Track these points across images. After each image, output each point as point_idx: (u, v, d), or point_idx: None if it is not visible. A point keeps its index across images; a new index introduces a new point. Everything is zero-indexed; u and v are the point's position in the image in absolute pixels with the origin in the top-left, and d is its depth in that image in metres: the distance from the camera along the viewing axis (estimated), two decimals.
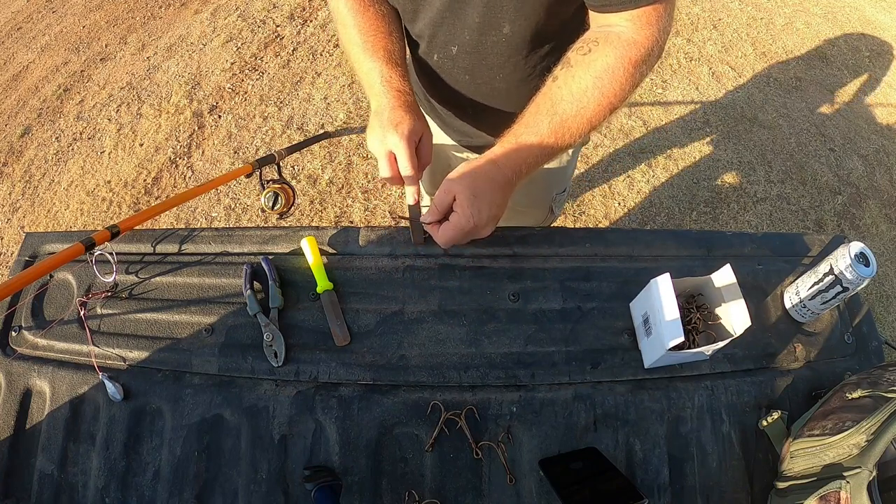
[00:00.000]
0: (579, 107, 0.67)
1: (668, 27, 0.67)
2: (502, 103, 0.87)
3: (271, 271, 0.78)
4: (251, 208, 2.21)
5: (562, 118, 0.68)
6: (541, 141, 0.69)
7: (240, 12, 2.97)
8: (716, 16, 3.09)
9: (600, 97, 0.67)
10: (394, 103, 0.74)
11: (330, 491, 0.63)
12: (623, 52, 0.65)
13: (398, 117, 0.73)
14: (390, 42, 0.79)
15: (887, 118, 2.68)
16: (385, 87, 0.76)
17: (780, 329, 0.79)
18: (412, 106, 0.76)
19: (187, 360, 0.75)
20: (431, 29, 0.79)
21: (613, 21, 0.66)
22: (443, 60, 0.83)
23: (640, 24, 0.65)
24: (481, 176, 0.69)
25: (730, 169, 2.40)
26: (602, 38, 0.67)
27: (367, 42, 0.79)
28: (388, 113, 0.73)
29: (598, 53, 0.66)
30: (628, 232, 0.85)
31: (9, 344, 0.79)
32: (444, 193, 0.69)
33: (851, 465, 0.58)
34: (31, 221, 2.29)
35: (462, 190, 0.68)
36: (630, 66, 0.66)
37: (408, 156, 0.72)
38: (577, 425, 0.70)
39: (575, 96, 0.67)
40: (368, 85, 0.78)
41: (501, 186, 0.70)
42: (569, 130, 0.68)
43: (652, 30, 0.65)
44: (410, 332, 0.75)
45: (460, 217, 0.69)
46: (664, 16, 0.66)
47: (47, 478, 0.71)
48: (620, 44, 0.66)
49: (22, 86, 2.82)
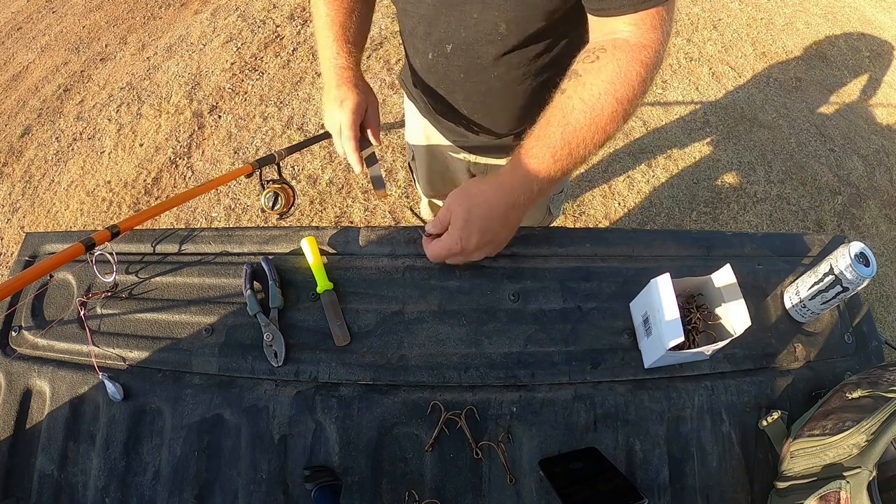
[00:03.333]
0: (593, 114, 0.64)
1: (670, 30, 0.66)
2: (497, 103, 0.87)
3: (271, 271, 0.78)
4: (251, 208, 2.21)
5: (574, 127, 0.65)
6: (553, 154, 0.65)
7: (240, 12, 2.97)
8: (716, 16, 3.09)
9: (614, 103, 0.64)
10: (337, 81, 0.81)
11: (330, 491, 0.63)
12: (634, 55, 0.63)
13: (342, 94, 0.80)
14: (348, 19, 0.83)
15: (887, 118, 2.68)
16: (331, 64, 0.81)
17: (780, 329, 0.79)
18: (354, 80, 0.82)
19: (187, 360, 0.75)
20: (426, 26, 0.79)
21: (616, 27, 0.65)
22: (437, 59, 0.83)
23: (645, 27, 0.63)
24: (480, 202, 0.67)
25: (730, 169, 2.40)
26: (609, 45, 0.65)
27: (327, 17, 0.82)
28: (333, 91, 0.80)
29: (607, 59, 0.64)
30: (628, 232, 0.85)
31: (9, 344, 0.79)
32: (445, 210, 0.70)
33: (851, 465, 0.58)
34: (31, 221, 2.29)
35: (457, 211, 0.68)
36: (642, 70, 0.64)
37: (350, 129, 0.79)
38: (577, 425, 0.70)
39: (587, 104, 0.64)
40: (321, 60, 0.84)
41: (502, 214, 0.68)
42: (583, 141, 0.65)
43: (656, 33, 0.64)
44: (410, 332, 0.75)
45: (448, 239, 0.69)
46: (666, 19, 0.65)
47: (47, 478, 0.71)
48: (629, 48, 0.64)
49: (22, 86, 2.82)
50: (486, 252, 0.73)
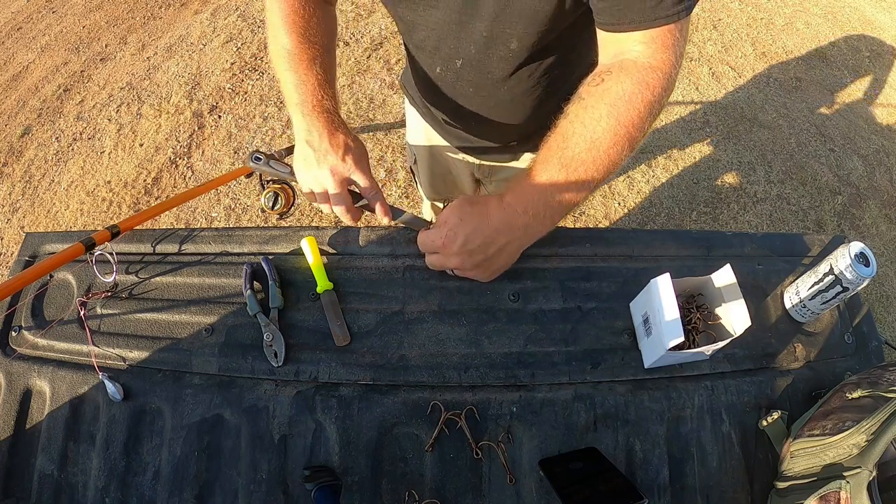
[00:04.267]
0: (593, 138, 0.61)
1: (683, 51, 0.62)
2: (505, 114, 0.87)
3: (271, 271, 0.78)
4: (251, 208, 2.21)
5: (574, 152, 0.62)
6: (551, 179, 0.63)
7: (240, 12, 2.97)
8: (716, 16, 3.09)
9: (616, 126, 0.60)
10: (329, 128, 0.68)
11: (330, 491, 0.63)
12: (640, 77, 0.60)
13: (341, 142, 0.68)
14: (325, 56, 0.73)
15: (887, 118, 2.68)
16: (315, 108, 0.69)
17: (780, 329, 0.79)
18: (346, 126, 0.71)
19: (187, 360, 0.75)
20: (435, 41, 0.77)
21: (627, 46, 0.62)
22: (446, 73, 0.82)
23: (656, 47, 0.60)
24: (477, 210, 0.67)
25: (730, 169, 2.40)
26: (616, 67, 0.62)
27: (299, 51, 0.71)
28: (327, 139, 0.68)
29: (611, 81, 0.61)
30: (628, 232, 0.85)
31: (9, 344, 0.79)
32: (446, 210, 0.70)
33: (851, 465, 0.58)
34: (31, 221, 2.29)
35: (452, 210, 0.68)
36: (648, 93, 0.60)
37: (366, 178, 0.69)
38: (577, 425, 0.70)
39: (587, 128, 0.61)
40: (294, 102, 0.70)
41: (497, 227, 0.66)
42: (582, 164, 0.62)
43: (668, 54, 0.60)
44: (410, 332, 0.75)
45: (435, 231, 0.69)
46: (679, 39, 0.61)
47: (47, 478, 0.71)
48: (636, 69, 0.61)
49: (22, 86, 2.83)
50: (476, 272, 0.71)
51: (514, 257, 0.72)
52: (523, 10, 0.65)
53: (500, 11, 0.66)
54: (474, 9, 0.68)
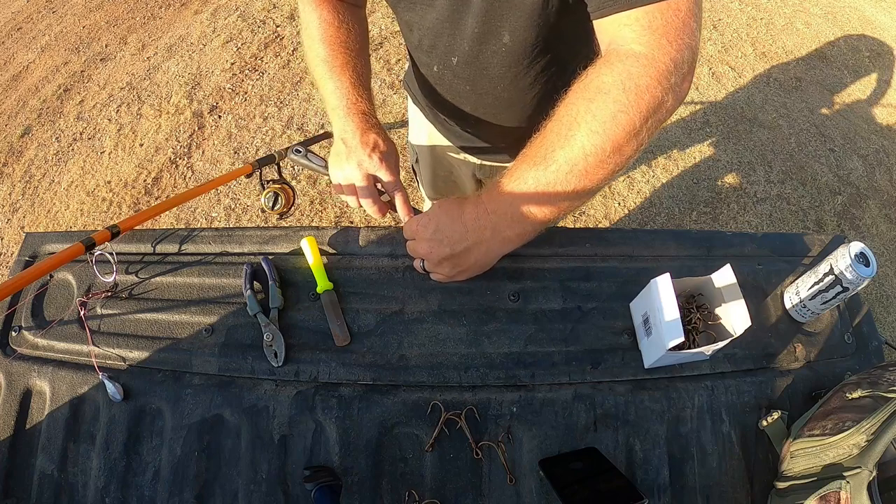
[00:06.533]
0: (567, 136, 0.57)
1: (686, 35, 0.53)
2: (504, 113, 0.87)
3: (271, 271, 0.78)
4: (251, 208, 2.21)
5: (547, 150, 0.59)
6: (521, 178, 0.61)
7: (240, 12, 2.97)
8: (716, 16, 3.09)
9: (592, 122, 0.55)
10: (363, 126, 0.73)
11: (330, 491, 0.63)
12: (622, 68, 0.54)
13: (371, 140, 0.73)
14: (358, 61, 0.77)
15: (887, 118, 2.68)
16: (350, 110, 0.74)
17: (780, 329, 0.79)
18: (380, 127, 0.76)
19: (187, 360, 0.75)
20: (431, 40, 0.78)
21: (617, 33, 0.56)
22: (443, 71, 0.82)
23: (643, 30, 0.54)
24: (457, 204, 0.67)
25: (730, 169, 2.40)
26: (601, 58, 0.57)
27: (333, 58, 0.76)
28: (359, 136, 0.73)
29: (593, 74, 0.56)
30: (628, 232, 0.85)
31: (9, 344, 0.79)
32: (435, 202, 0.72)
33: (851, 465, 0.58)
34: (31, 221, 2.29)
35: (440, 202, 0.69)
36: (632, 85, 0.53)
37: (392, 175, 0.74)
38: (577, 425, 0.70)
39: (564, 125, 0.57)
40: (332, 106, 0.75)
41: (467, 224, 0.65)
42: (555, 163, 0.58)
43: (658, 37, 0.53)
44: (410, 332, 0.75)
45: (416, 218, 0.71)
46: (674, 20, 0.52)
47: (47, 478, 0.71)
48: (619, 58, 0.54)
49: (22, 86, 2.82)
50: (441, 267, 0.71)
51: (485, 262, 0.72)
52: (513, 2, 0.66)
53: (490, 5, 0.67)
54: (465, 5, 0.69)
